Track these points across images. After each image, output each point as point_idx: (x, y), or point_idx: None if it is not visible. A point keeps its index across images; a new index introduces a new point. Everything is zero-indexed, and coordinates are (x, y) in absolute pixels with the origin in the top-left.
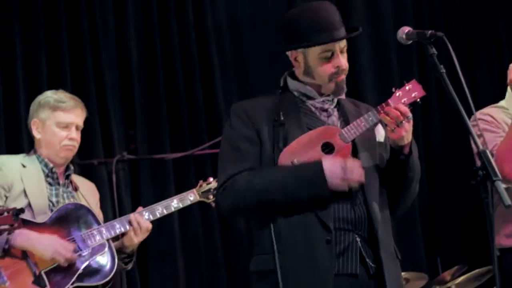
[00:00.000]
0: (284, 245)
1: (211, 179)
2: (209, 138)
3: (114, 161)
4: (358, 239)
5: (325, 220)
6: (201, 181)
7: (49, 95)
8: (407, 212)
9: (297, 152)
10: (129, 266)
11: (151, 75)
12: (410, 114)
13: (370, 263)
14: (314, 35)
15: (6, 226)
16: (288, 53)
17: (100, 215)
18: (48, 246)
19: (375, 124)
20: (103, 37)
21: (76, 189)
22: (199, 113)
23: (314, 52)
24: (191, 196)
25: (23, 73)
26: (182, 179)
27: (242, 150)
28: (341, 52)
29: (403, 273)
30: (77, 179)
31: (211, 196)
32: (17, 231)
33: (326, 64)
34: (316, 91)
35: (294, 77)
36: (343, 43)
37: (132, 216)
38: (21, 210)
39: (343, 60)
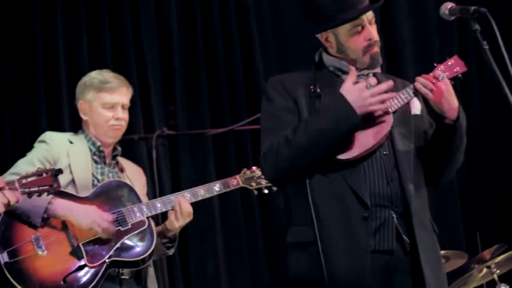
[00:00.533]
0: (322, 218)
1: (254, 168)
2: (248, 113)
3: (154, 137)
4: (394, 215)
5: (362, 196)
6: (244, 169)
7: (94, 76)
8: (446, 190)
9: None
10: (171, 252)
11: (191, 51)
12: (442, 73)
13: (406, 239)
14: (340, 13)
15: (46, 187)
16: (318, 35)
17: (145, 200)
18: (87, 215)
19: (415, 95)
20: (143, 13)
21: (122, 170)
22: (239, 89)
23: (343, 29)
24: (234, 182)
25: (64, 51)
26: (221, 154)
27: (282, 120)
28: (370, 23)
29: (442, 252)
30: (125, 162)
31: (253, 183)
32: (56, 201)
33: (358, 38)
34: (351, 65)
35: (329, 53)
36: (370, 14)
37: (175, 197)
38: (60, 171)
39: (373, 32)
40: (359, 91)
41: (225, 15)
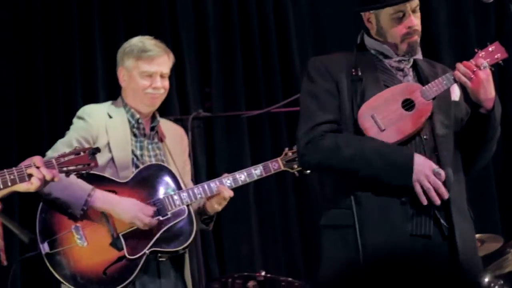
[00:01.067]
0: (359, 201)
1: (295, 147)
2: (284, 96)
3: (190, 118)
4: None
5: None
6: (286, 149)
7: (134, 43)
8: (482, 174)
9: (377, 106)
10: (210, 227)
11: (227, 33)
12: (484, 62)
13: (444, 224)
14: None
15: (83, 166)
16: (362, 14)
17: (186, 163)
18: (128, 210)
19: (455, 82)
20: None
21: (161, 139)
22: (274, 71)
23: (385, 13)
24: (275, 165)
25: (99, 31)
26: (256, 137)
27: (323, 102)
28: (413, 11)
29: (477, 235)
30: (165, 125)
31: (295, 166)
32: (97, 193)
33: (398, 24)
34: (392, 50)
35: (371, 36)
36: (414, 3)
37: (215, 185)
38: (97, 150)
39: (415, 20)
40: (427, 168)
41: None
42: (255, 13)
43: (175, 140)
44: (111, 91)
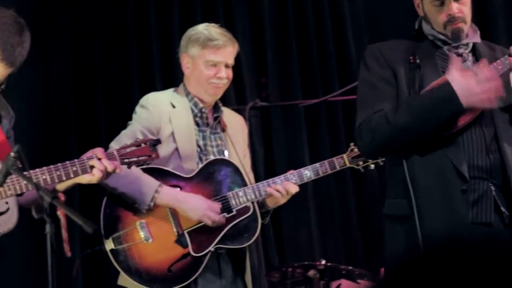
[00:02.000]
0: (419, 191)
1: None
2: (340, 84)
3: (248, 108)
4: (492, 188)
5: (460, 169)
6: (351, 144)
7: (200, 31)
8: None
9: None
10: (266, 221)
11: (282, 23)
12: None
13: (506, 212)
14: None
15: (145, 157)
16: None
17: (246, 153)
18: (196, 207)
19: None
20: None
21: (224, 129)
22: (330, 59)
23: (427, 0)
24: (341, 162)
25: (156, 24)
26: (313, 126)
27: (380, 90)
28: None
29: None
30: (226, 113)
31: (360, 162)
32: (164, 189)
33: (439, 12)
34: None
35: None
36: None
37: (281, 181)
38: (158, 141)
39: (455, 8)
40: (466, 81)
41: None
42: (310, 2)
43: (237, 129)
44: (167, 80)
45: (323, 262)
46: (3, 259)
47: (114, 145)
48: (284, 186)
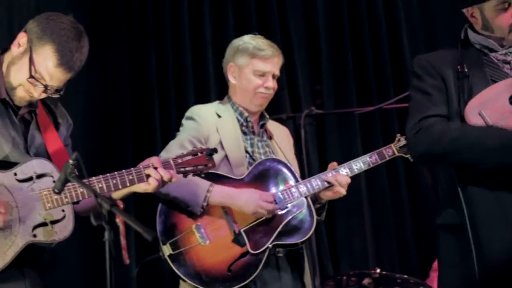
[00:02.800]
0: (473, 200)
1: None
2: (395, 92)
3: (303, 116)
4: None
5: None
6: (398, 135)
7: (248, 41)
8: None
9: (484, 102)
10: (322, 217)
11: (337, 30)
12: None
13: None
14: None
15: (201, 166)
16: (464, 10)
17: (294, 161)
18: (249, 200)
19: None
20: None
21: (270, 137)
22: (385, 67)
23: (489, 5)
24: (389, 151)
25: (210, 30)
26: (368, 133)
27: (432, 96)
28: None
29: None
30: (271, 124)
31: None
32: (215, 188)
33: (504, 15)
34: (497, 43)
35: (475, 30)
36: None
37: (332, 174)
38: (214, 150)
39: None
40: None
41: None
42: (365, 10)
43: (283, 139)
44: (222, 87)
45: (378, 270)
46: (59, 266)
47: (164, 155)
48: (335, 177)
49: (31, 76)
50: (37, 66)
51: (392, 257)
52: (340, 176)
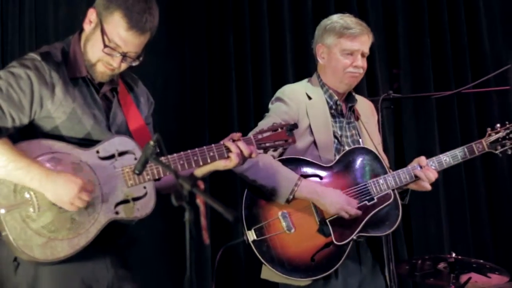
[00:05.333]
0: None
1: (498, 126)
2: (473, 77)
3: (380, 99)
4: None
5: None
6: (489, 130)
7: (335, 20)
8: None
9: None
10: (406, 201)
11: (415, 14)
12: None
13: None
14: None
15: (281, 142)
16: None
17: (379, 142)
18: (334, 202)
19: None
20: None
21: (357, 118)
22: (463, 52)
23: None
24: (479, 147)
25: (288, 7)
26: (445, 118)
27: None
28: None
29: None
30: (358, 100)
31: (499, 147)
32: (303, 183)
33: None
34: None
35: None
36: None
37: (418, 170)
38: (295, 125)
39: None
40: None
41: None
42: None
43: (368, 117)
44: (299, 70)
45: (453, 255)
46: (138, 246)
47: None
48: (424, 172)
49: (106, 46)
50: (109, 35)
51: (467, 242)
52: (430, 171)
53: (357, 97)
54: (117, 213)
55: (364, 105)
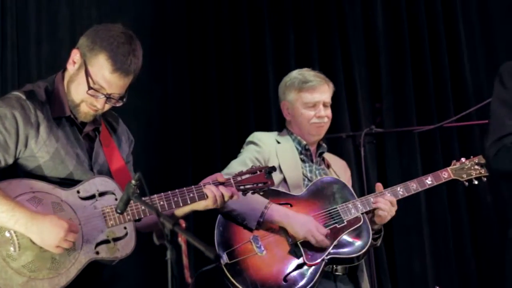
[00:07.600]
0: None
1: (463, 159)
2: (455, 110)
3: (363, 134)
4: None
5: None
6: (454, 161)
7: (294, 76)
8: None
9: None
10: (378, 243)
11: (398, 49)
12: None
13: None
14: None
15: (260, 184)
16: None
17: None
18: (303, 224)
19: None
20: (350, 12)
21: (328, 166)
22: (445, 86)
23: None
24: (445, 174)
25: (271, 49)
26: (428, 152)
27: None
28: None
29: None
30: (329, 156)
31: (464, 175)
32: (273, 206)
33: None
34: None
35: None
36: None
37: (388, 193)
38: (273, 168)
39: None
40: None
41: (432, 12)
42: (425, 27)
43: (341, 169)
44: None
45: None
46: (120, 283)
47: (226, 172)
48: (387, 198)
49: (90, 88)
50: (94, 77)
51: (451, 278)
52: (382, 199)
53: (330, 155)
54: (97, 253)
55: (336, 162)
